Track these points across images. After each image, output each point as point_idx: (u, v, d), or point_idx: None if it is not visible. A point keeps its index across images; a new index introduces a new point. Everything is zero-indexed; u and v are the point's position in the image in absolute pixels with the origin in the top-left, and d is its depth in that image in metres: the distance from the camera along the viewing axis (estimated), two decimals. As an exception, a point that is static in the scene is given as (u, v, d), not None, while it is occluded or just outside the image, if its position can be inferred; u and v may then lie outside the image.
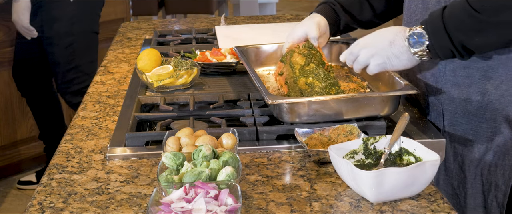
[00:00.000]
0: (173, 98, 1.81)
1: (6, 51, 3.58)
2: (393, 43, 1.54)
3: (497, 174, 1.60)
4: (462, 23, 1.45)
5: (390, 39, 1.55)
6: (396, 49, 1.54)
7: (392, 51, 1.54)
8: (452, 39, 1.46)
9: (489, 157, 1.60)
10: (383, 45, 1.56)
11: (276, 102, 1.55)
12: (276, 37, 2.32)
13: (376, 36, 1.58)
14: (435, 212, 1.25)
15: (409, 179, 1.26)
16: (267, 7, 5.85)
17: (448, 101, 1.63)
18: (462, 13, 1.44)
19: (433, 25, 1.48)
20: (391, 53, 1.54)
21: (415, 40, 1.50)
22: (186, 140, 1.44)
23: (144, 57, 1.98)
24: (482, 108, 1.59)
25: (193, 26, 2.85)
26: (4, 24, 3.55)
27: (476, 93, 1.59)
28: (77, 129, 1.70)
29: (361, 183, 1.27)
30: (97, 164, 1.49)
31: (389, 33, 1.56)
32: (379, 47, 1.56)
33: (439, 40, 1.48)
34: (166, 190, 1.24)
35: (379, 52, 1.56)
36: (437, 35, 1.48)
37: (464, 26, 1.45)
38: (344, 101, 1.57)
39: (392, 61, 1.55)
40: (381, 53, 1.56)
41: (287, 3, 8.57)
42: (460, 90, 1.61)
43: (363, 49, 1.59)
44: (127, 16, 4.13)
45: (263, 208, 1.28)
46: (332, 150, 1.35)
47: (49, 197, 1.35)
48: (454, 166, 1.65)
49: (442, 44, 1.48)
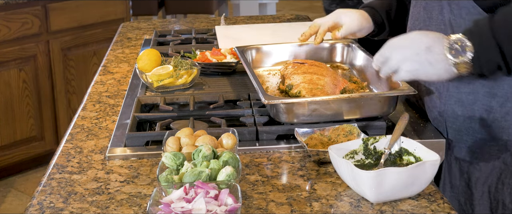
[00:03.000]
0: (173, 98, 1.81)
1: (6, 51, 3.59)
2: (431, 49, 1.38)
3: (504, 193, 1.53)
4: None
5: (427, 44, 1.39)
6: (432, 57, 1.38)
7: (427, 58, 1.39)
8: (503, 51, 1.31)
9: (495, 174, 1.53)
10: (419, 49, 1.40)
11: (272, 102, 1.55)
12: (276, 37, 2.32)
13: (412, 39, 1.43)
14: (435, 212, 1.25)
15: (409, 179, 1.26)
16: (267, 7, 5.84)
17: (452, 119, 1.55)
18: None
19: (480, 34, 1.32)
20: (426, 60, 1.39)
21: (457, 49, 1.35)
22: (186, 140, 1.44)
23: (144, 57, 1.98)
24: (487, 126, 1.52)
25: (193, 26, 2.85)
26: (4, 24, 3.55)
27: (480, 111, 1.51)
28: (77, 129, 1.70)
29: (361, 183, 1.27)
30: (97, 164, 1.49)
31: (427, 37, 1.40)
32: (414, 52, 1.40)
33: (486, 51, 1.31)
34: (166, 190, 1.24)
35: (413, 57, 1.41)
36: (485, 46, 1.31)
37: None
38: (342, 102, 1.57)
39: (426, 69, 1.40)
40: (416, 58, 1.41)
41: (287, 3, 8.57)
42: (464, 107, 1.53)
43: (395, 51, 1.45)
44: (127, 16, 4.14)
45: (263, 208, 1.28)
46: (332, 150, 1.35)
47: (49, 197, 1.35)
48: (461, 183, 1.58)
49: (490, 57, 1.32)
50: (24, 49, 3.66)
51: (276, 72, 1.93)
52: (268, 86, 1.83)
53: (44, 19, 3.72)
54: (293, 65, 1.82)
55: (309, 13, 7.96)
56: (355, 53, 1.95)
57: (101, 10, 3.98)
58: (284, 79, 1.80)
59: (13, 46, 3.60)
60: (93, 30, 3.98)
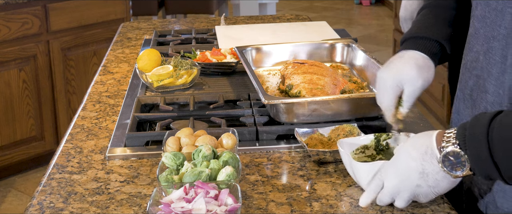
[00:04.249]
0: (173, 98, 1.81)
1: (6, 51, 3.59)
2: (425, 173, 1.17)
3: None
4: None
5: (418, 169, 1.17)
6: (431, 181, 1.17)
7: (428, 184, 1.18)
8: (500, 169, 1.09)
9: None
10: (412, 178, 1.18)
11: (272, 102, 1.55)
12: (276, 37, 2.32)
13: (398, 166, 1.20)
14: (435, 212, 1.25)
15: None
16: (267, 7, 5.84)
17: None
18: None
19: (474, 145, 1.11)
20: (427, 187, 1.18)
21: (452, 163, 1.14)
22: (186, 140, 1.44)
23: (144, 57, 1.98)
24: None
25: (193, 26, 2.85)
26: (4, 24, 3.55)
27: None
28: (77, 129, 1.70)
29: (358, 175, 1.29)
30: (97, 164, 1.49)
31: (413, 160, 1.18)
32: (410, 184, 1.19)
33: (481, 166, 1.11)
34: (166, 190, 1.24)
35: (411, 188, 1.20)
36: (479, 161, 1.11)
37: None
38: (342, 102, 1.57)
39: (429, 196, 1.21)
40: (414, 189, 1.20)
41: (287, 3, 8.57)
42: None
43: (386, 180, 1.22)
44: (127, 16, 4.14)
45: (263, 208, 1.28)
46: (340, 143, 1.35)
47: (49, 197, 1.35)
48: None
49: (486, 172, 1.11)
50: (24, 49, 3.66)
51: (276, 72, 1.94)
52: (268, 86, 1.83)
53: (44, 19, 3.72)
54: (293, 65, 1.82)
55: (309, 13, 7.96)
56: (355, 53, 1.95)
57: (101, 10, 3.98)
58: (284, 79, 1.80)
59: (13, 46, 3.60)
60: (93, 30, 3.98)
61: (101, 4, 3.98)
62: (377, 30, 7.21)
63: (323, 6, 8.67)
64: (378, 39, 6.82)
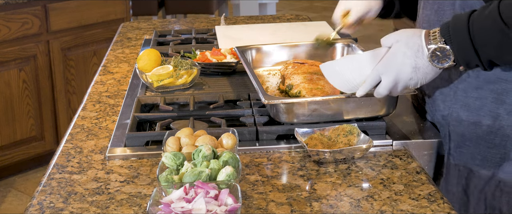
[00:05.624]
0: (173, 98, 1.81)
1: (6, 51, 3.59)
2: (417, 68, 1.41)
3: (501, 201, 1.51)
4: (492, 39, 1.32)
5: (412, 64, 1.41)
6: (421, 73, 1.42)
7: (418, 77, 1.42)
8: (479, 55, 1.35)
9: (494, 182, 1.51)
10: (407, 72, 1.42)
11: (272, 102, 1.55)
12: (276, 37, 2.32)
13: (394, 62, 1.43)
14: (435, 212, 1.25)
15: None
16: (267, 7, 5.84)
17: (456, 123, 1.54)
18: (493, 29, 1.31)
19: (458, 38, 1.36)
20: (417, 78, 1.42)
21: (439, 57, 1.38)
22: (186, 140, 1.44)
23: (144, 57, 1.98)
24: (492, 133, 1.49)
25: (193, 26, 2.85)
26: (4, 24, 3.55)
27: (487, 117, 1.49)
28: (77, 129, 1.70)
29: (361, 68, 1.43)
30: (97, 164, 1.49)
31: (406, 57, 1.41)
32: (405, 77, 1.43)
33: (465, 55, 1.36)
34: (166, 190, 1.24)
35: (405, 81, 1.44)
36: (463, 50, 1.36)
37: (494, 43, 1.32)
38: (342, 102, 1.57)
39: (417, 85, 1.45)
40: (407, 82, 1.44)
41: (287, 3, 8.57)
42: (470, 112, 1.51)
43: (384, 75, 1.45)
44: (127, 16, 4.14)
45: (263, 208, 1.28)
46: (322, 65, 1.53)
47: (49, 197, 1.35)
48: (457, 189, 1.57)
49: (469, 59, 1.37)
50: (24, 49, 3.66)
51: (276, 72, 1.94)
52: (268, 86, 1.83)
53: (44, 19, 3.72)
54: (293, 65, 1.82)
55: (309, 13, 7.96)
56: (355, 53, 1.95)
57: (101, 10, 3.99)
58: (284, 79, 1.80)
59: (13, 46, 3.60)
60: (93, 30, 3.98)
61: (101, 4, 3.98)
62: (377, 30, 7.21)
63: (323, 6, 8.66)
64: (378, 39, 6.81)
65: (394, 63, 1.43)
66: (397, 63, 1.42)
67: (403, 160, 1.48)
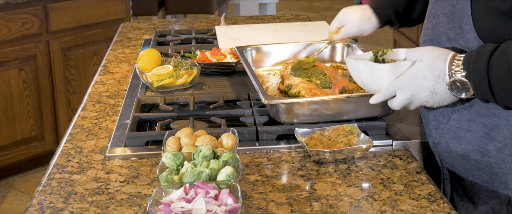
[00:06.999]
0: (173, 98, 1.81)
1: (6, 51, 3.59)
2: (435, 93, 1.37)
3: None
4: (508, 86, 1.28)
5: (430, 89, 1.37)
6: (438, 98, 1.38)
7: (435, 101, 1.39)
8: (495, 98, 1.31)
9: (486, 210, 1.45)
10: (424, 95, 1.38)
11: (272, 102, 1.55)
12: (276, 37, 2.32)
13: (412, 82, 1.38)
14: (435, 212, 1.25)
15: None
16: (267, 7, 5.84)
17: (446, 153, 1.48)
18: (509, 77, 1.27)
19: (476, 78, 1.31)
20: (433, 102, 1.39)
21: (458, 88, 1.34)
22: (186, 140, 1.44)
23: (144, 57, 1.98)
24: (479, 169, 1.43)
25: (193, 26, 2.85)
26: (4, 24, 3.55)
27: (475, 152, 1.42)
28: (77, 129, 1.70)
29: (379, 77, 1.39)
30: (97, 164, 1.49)
31: (426, 80, 1.36)
32: (421, 99, 1.39)
33: (483, 95, 1.32)
34: (166, 190, 1.24)
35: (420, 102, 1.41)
36: (481, 91, 1.32)
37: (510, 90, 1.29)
38: (341, 102, 1.57)
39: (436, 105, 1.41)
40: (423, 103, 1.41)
41: (287, 3, 8.57)
42: (460, 144, 1.45)
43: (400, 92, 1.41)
44: (127, 16, 4.14)
45: (263, 208, 1.28)
46: (349, 58, 1.48)
47: (49, 197, 1.35)
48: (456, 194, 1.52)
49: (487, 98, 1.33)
50: (24, 49, 3.66)
51: (276, 72, 1.94)
52: (268, 86, 1.83)
53: (44, 19, 3.72)
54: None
55: (309, 13, 7.96)
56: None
57: (101, 10, 3.98)
58: (283, 79, 1.80)
59: (13, 46, 3.60)
60: (93, 30, 3.98)
61: (101, 4, 3.98)
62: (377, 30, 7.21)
63: (323, 6, 8.66)
64: (378, 39, 6.81)
65: (412, 84, 1.38)
66: (415, 84, 1.38)
67: (403, 160, 1.48)
